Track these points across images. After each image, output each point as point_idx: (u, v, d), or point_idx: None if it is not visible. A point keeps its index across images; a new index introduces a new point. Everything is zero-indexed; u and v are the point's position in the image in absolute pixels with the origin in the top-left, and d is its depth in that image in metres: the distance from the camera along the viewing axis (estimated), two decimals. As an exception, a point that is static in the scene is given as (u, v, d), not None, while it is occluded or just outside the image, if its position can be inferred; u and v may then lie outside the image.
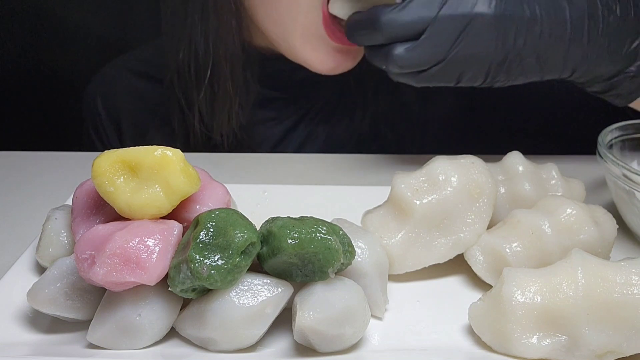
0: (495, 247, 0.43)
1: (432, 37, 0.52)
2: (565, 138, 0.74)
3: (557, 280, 0.38)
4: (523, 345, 0.37)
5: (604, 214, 0.46)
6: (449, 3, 0.52)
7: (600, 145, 0.51)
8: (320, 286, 0.37)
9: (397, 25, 0.52)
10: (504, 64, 0.53)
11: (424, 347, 0.39)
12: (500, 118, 0.75)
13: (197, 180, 0.41)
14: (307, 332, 0.36)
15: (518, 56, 0.53)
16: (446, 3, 0.52)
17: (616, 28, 0.53)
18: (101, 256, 0.36)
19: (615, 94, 0.58)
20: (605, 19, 0.53)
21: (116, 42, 0.98)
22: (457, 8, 0.52)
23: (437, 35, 0.52)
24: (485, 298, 0.40)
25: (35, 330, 0.40)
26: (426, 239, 0.45)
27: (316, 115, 0.77)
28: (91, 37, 1.01)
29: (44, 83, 1.03)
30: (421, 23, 0.52)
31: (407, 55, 0.53)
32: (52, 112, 1.01)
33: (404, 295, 0.44)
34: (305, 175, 0.65)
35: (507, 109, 0.74)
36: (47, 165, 0.68)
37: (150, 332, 0.37)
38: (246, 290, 0.37)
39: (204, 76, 0.68)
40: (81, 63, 0.96)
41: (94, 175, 0.39)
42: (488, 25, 0.52)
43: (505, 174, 0.50)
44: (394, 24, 0.52)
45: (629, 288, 0.36)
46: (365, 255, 0.41)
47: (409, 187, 0.45)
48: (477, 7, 0.51)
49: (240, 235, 0.37)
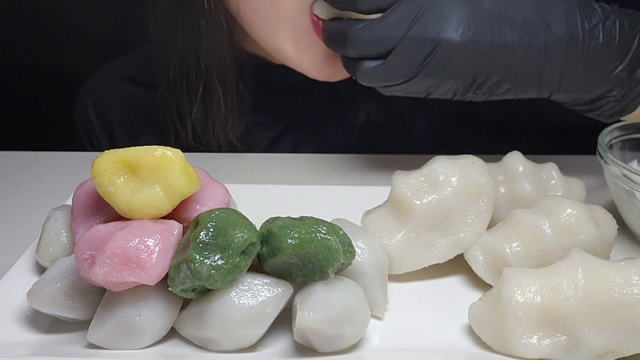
0: (495, 247, 0.43)
1: (398, 58, 0.52)
2: (565, 138, 0.74)
3: (557, 280, 0.38)
4: (523, 345, 0.37)
5: (604, 214, 0.46)
6: (416, 25, 0.51)
7: (600, 145, 0.51)
8: (320, 286, 0.37)
9: (365, 42, 0.52)
10: (472, 85, 0.53)
11: (424, 347, 0.39)
12: (500, 118, 0.75)
13: (197, 180, 0.41)
14: (307, 332, 0.36)
15: (487, 79, 0.53)
16: (414, 25, 0.51)
17: (598, 54, 0.53)
18: (101, 256, 0.36)
19: (597, 114, 0.58)
20: (586, 45, 0.52)
21: (117, 42, 0.98)
22: (424, 31, 0.51)
23: (404, 56, 0.52)
24: (485, 298, 0.40)
25: (35, 330, 0.40)
26: (426, 239, 0.45)
27: (306, 121, 0.77)
28: (92, 36, 1.01)
29: (43, 83, 1.03)
30: (388, 43, 0.52)
31: (374, 73, 0.53)
32: (52, 112, 1.01)
33: (404, 295, 0.44)
34: (305, 176, 0.65)
35: (506, 108, 0.74)
36: (47, 165, 0.68)
37: (150, 332, 0.37)
38: (246, 290, 0.37)
39: (195, 94, 0.68)
40: (82, 62, 0.95)
41: (94, 175, 0.39)
42: (455, 50, 0.51)
43: (505, 174, 0.50)
44: (362, 41, 0.52)
45: (629, 288, 0.36)
46: (365, 255, 0.41)
47: (409, 187, 0.45)
48: (444, 32, 0.51)
49: (240, 235, 0.37)
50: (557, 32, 0.52)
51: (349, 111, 0.77)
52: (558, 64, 0.53)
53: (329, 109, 0.77)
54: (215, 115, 0.69)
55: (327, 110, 0.77)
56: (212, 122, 0.69)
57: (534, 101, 0.60)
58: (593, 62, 0.53)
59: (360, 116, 0.77)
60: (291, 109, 0.76)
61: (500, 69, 0.52)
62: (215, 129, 0.70)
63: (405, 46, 0.51)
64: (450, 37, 0.51)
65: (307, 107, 0.76)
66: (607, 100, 0.55)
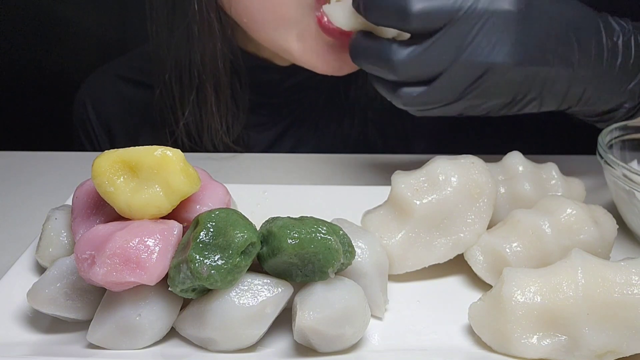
0: (495, 247, 0.43)
1: (445, 83, 0.49)
2: (565, 138, 0.74)
3: (557, 280, 0.38)
4: (523, 345, 0.37)
5: (604, 214, 0.46)
6: (469, 50, 0.48)
7: (600, 145, 0.51)
8: (320, 286, 0.37)
9: (411, 69, 0.49)
10: (509, 104, 0.52)
11: (424, 347, 0.39)
12: (500, 118, 0.75)
13: (197, 180, 0.41)
14: (307, 332, 0.36)
15: (524, 97, 0.52)
16: (466, 49, 0.48)
17: (617, 71, 0.53)
18: (101, 256, 0.36)
19: (605, 125, 0.58)
20: (608, 63, 0.52)
21: (116, 42, 0.98)
22: (476, 55, 0.48)
23: (451, 81, 0.49)
24: (485, 298, 0.40)
25: (35, 330, 0.40)
26: (426, 239, 0.45)
27: (305, 121, 0.77)
28: (92, 35, 1.01)
29: (43, 83, 1.03)
30: (437, 68, 0.49)
31: (416, 99, 0.51)
32: (52, 112, 1.01)
33: (404, 295, 0.44)
34: (305, 175, 0.65)
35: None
36: (47, 165, 0.68)
37: (150, 332, 0.37)
38: (246, 290, 0.37)
39: (188, 98, 0.68)
40: (82, 62, 0.95)
41: (94, 175, 0.39)
42: (504, 74, 0.49)
43: (505, 174, 0.50)
44: (408, 68, 0.49)
45: (629, 288, 0.36)
46: (365, 255, 0.41)
47: (409, 187, 0.45)
48: (496, 57, 0.48)
49: (240, 235, 0.37)
50: (586, 52, 0.51)
51: (348, 112, 0.77)
52: (583, 81, 0.52)
53: (328, 110, 0.77)
54: (209, 119, 0.69)
55: (326, 111, 0.77)
56: (207, 125, 0.69)
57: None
58: (613, 78, 0.53)
59: (359, 116, 0.77)
60: (290, 110, 0.76)
61: (538, 88, 0.51)
62: (210, 133, 0.69)
63: (455, 71, 0.49)
64: (503, 61, 0.48)
65: (306, 108, 0.76)
66: (619, 112, 0.56)
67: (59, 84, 1.00)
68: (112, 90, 0.79)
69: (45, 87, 1.03)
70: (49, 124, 1.01)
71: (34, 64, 1.03)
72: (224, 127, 0.69)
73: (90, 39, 1.01)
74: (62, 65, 1.02)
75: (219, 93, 0.68)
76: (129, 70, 0.79)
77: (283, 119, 0.76)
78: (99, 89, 0.80)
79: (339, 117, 0.77)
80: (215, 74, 0.66)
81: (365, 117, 0.77)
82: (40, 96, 1.04)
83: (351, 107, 0.76)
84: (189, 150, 0.71)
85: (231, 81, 0.68)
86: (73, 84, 0.82)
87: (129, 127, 0.78)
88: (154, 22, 0.68)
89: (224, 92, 0.68)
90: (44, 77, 1.03)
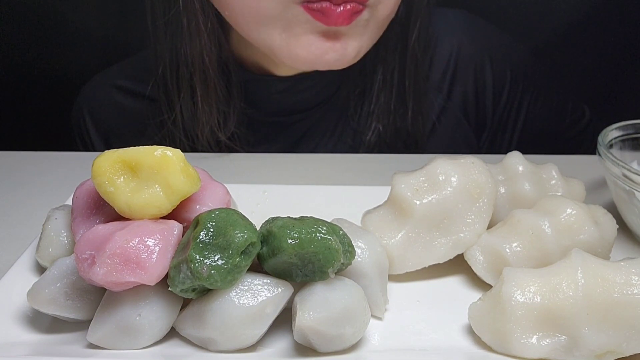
0: (495, 247, 0.43)
1: None
2: (565, 138, 0.74)
3: (557, 280, 0.38)
4: (523, 345, 0.37)
5: (604, 214, 0.46)
6: None
7: (600, 145, 0.51)
8: (320, 286, 0.37)
9: None
10: None
11: (424, 347, 0.39)
12: (500, 118, 0.75)
13: (197, 180, 0.41)
14: (307, 332, 0.36)
15: None
16: None
17: None
18: (101, 256, 0.36)
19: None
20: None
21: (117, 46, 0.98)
22: None
23: None
24: (485, 298, 0.40)
25: (35, 330, 0.40)
26: (426, 239, 0.45)
27: (303, 137, 0.77)
28: (94, 36, 1.01)
29: (44, 83, 1.03)
30: None
31: None
32: (53, 113, 1.01)
33: (404, 295, 0.44)
34: (305, 175, 0.65)
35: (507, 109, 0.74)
36: (47, 165, 0.68)
37: (150, 332, 0.37)
38: (246, 290, 0.37)
39: (179, 94, 0.69)
40: (83, 62, 0.95)
41: (94, 175, 0.39)
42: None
43: (505, 174, 0.50)
44: None
45: (629, 288, 0.36)
46: (365, 255, 0.41)
47: (409, 187, 0.45)
48: None
49: (240, 235, 0.37)
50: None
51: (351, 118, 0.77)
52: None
53: (323, 126, 0.77)
54: (200, 114, 0.69)
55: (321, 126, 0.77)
56: (200, 120, 0.70)
57: (534, 102, 0.60)
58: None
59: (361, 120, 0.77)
60: (292, 129, 0.76)
61: None
62: (201, 127, 0.70)
63: None
64: None
65: (305, 126, 0.76)
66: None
67: (60, 84, 1.00)
68: (108, 96, 0.80)
69: (45, 87, 1.03)
70: (49, 124, 1.01)
71: (34, 63, 1.03)
72: (216, 123, 0.70)
73: (92, 40, 1.01)
74: (63, 66, 1.01)
75: (208, 88, 0.68)
76: (125, 77, 0.80)
77: (285, 138, 0.76)
78: (96, 96, 0.80)
79: (337, 135, 0.77)
80: (203, 69, 0.67)
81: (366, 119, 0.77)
82: (41, 96, 1.03)
83: (348, 124, 0.76)
84: (188, 150, 0.71)
85: (220, 76, 0.69)
86: (74, 84, 0.82)
87: (128, 138, 0.78)
88: (152, 17, 0.69)
89: (212, 88, 0.68)
90: (44, 77, 1.03)
